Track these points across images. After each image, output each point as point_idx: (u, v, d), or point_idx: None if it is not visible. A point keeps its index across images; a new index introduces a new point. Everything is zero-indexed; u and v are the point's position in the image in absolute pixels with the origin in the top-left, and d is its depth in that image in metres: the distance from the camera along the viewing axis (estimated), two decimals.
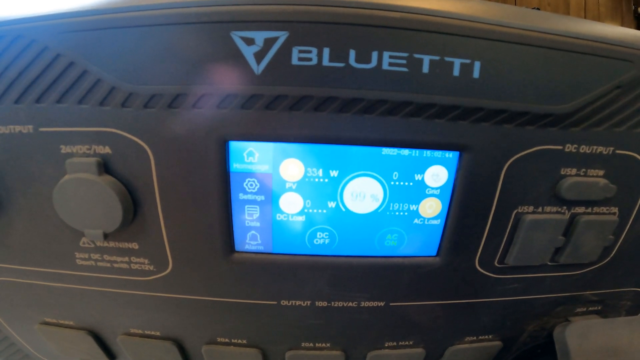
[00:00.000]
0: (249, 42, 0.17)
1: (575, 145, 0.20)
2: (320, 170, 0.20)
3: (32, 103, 0.18)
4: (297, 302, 0.23)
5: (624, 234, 0.23)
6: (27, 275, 0.23)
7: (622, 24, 1.84)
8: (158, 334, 0.25)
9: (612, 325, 0.26)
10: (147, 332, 0.25)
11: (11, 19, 0.17)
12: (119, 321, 0.25)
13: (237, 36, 0.17)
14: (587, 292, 0.26)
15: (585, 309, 0.27)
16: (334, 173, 0.20)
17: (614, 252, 0.24)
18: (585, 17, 1.59)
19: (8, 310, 0.26)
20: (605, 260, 0.24)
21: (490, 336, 0.27)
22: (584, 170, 0.20)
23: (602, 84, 0.19)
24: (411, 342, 0.26)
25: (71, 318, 0.25)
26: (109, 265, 0.22)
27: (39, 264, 0.23)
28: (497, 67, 0.17)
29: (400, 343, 0.26)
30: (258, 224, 0.21)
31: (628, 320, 0.27)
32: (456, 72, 0.17)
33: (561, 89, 0.18)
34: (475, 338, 0.27)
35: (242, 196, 0.20)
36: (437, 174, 0.20)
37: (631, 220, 0.23)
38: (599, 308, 0.27)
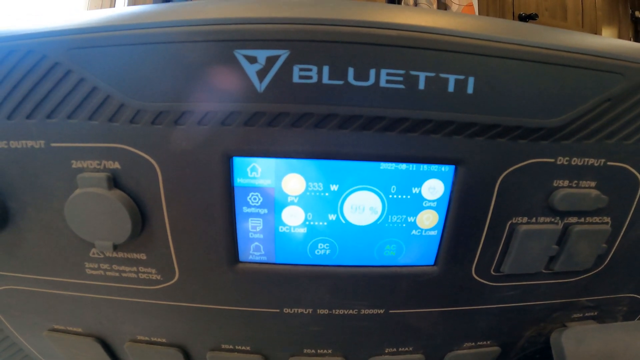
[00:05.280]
0: (252, 60, 0.17)
1: (567, 158, 0.20)
2: (321, 185, 0.20)
3: (43, 118, 0.19)
4: (299, 310, 0.24)
5: (617, 242, 0.24)
6: (37, 284, 0.24)
7: (620, 28, 1.83)
8: (164, 340, 0.26)
9: (608, 330, 0.26)
10: (153, 339, 0.26)
11: (23, 34, 0.18)
12: (126, 328, 0.26)
13: (240, 54, 0.17)
14: (583, 299, 0.26)
15: (581, 315, 0.27)
16: (334, 187, 0.20)
17: (607, 260, 0.24)
18: (582, 21, 1.59)
19: (17, 317, 0.26)
20: (600, 268, 0.24)
21: (488, 342, 0.27)
22: (576, 181, 0.21)
23: (592, 97, 0.19)
24: (411, 348, 0.26)
25: (79, 325, 0.26)
26: (117, 274, 0.23)
27: (49, 274, 0.23)
28: (490, 83, 0.18)
29: (400, 349, 0.26)
30: (261, 236, 0.22)
31: (624, 325, 0.27)
32: (451, 88, 0.18)
33: (552, 102, 0.19)
34: (473, 344, 0.27)
35: (245, 209, 0.21)
36: (434, 187, 0.21)
37: (624, 229, 0.23)
38: (595, 314, 0.28)
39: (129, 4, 1.04)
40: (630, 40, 1.91)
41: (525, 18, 1.43)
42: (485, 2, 1.39)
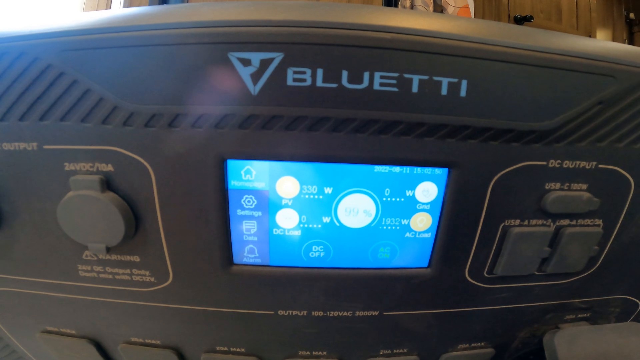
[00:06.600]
0: (246, 63, 0.17)
1: (559, 161, 0.21)
2: (315, 187, 0.20)
3: (36, 120, 0.19)
4: (294, 312, 0.24)
5: (609, 244, 0.24)
6: (30, 286, 0.24)
7: (614, 29, 1.85)
8: (158, 342, 0.26)
9: (601, 332, 0.27)
10: (147, 341, 0.26)
11: (16, 35, 0.18)
12: (120, 330, 0.26)
13: (234, 57, 0.17)
14: (575, 300, 0.26)
15: (574, 316, 0.28)
16: (328, 190, 0.21)
17: (599, 262, 0.24)
18: (577, 23, 1.60)
19: (10, 318, 0.26)
20: (592, 270, 0.25)
21: (482, 343, 0.27)
22: (567, 184, 0.21)
23: (584, 100, 0.19)
24: (405, 350, 0.27)
25: (73, 327, 0.26)
26: (110, 276, 0.23)
27: (42, 275, 0.23)
28: (483, 86, 0.18)
29: (394, 351, 0.27)
30: (255, 238, 0.22)
31: (616, 326, 0.27)
32: (444, 91, 0.18)
33: (544, 105, 0.19)
34: (468, 345, 0.27)
35: (240, 212, 0.21)
36: (427, 190, 0.21)
37: (616, 231, 0.23)
38: (588, 315, 0.28)
39: (124, 6, 1.04)
40: (625, 41, 1.92)
41: (521, 20, 1.44)
42: (481, 4, 1.39)
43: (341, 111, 0.18)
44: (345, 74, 0.17)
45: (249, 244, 0.22)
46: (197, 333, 0.25)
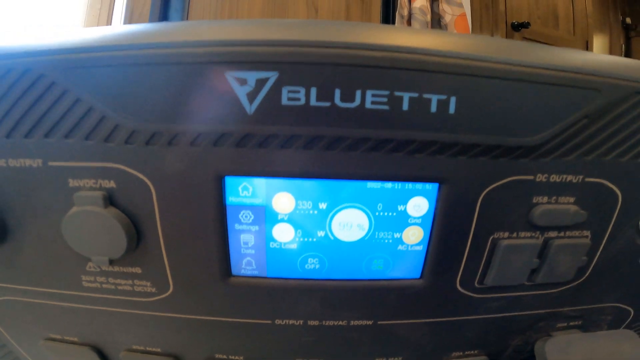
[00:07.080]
0: (242, 82, 0.17)
1: (546, 175, 0.21)
2: (310, 203, 0.21)
3: (41, 137, 0.19)
4: (291, 321, 0.24)
5: (598, 254, 0.24)
6: (34, 295, 0.24)
7: (611, 35, 1.85)
8: (159, 350, 0.26)
9: (592, 339, 0.27)
10: (148, 349, 0.26)
11: (20, 51, 0.18)
12: (121, 338, 0.26)
13: (231, 77, 0.17)
14: (566, 309, 0.27)
15: (566, 324, 0.28)
16: (322, 205, 0.21)
17: (589, 272, 0.25)
18: (574, 29, 1.60)
19: (14, 326, 0.27)
20: (581, 279, 0.25)
21: (475, 351, 0.28)
22: (555, 198, 0.22)
23: (570, 114, 0.19)
24: (400, 358, 0.27)
25: (75, 334, 0.26)
26: (113, 287, 0.23)
27: (47, 285, 0.24)
28: (471, 102, 0.18)
29: (389, 359, 0.27)
30: (253, 251, 0.22)
31: (608, 334, 0.28)
32: (434, 108, 0.18)
33: (531, 121, 0.19)
34: (461, 353, 0.28)
35: (237, 226, 0.21)
36: (419, 205, 0.21)
37: (604, 242, 0.24)
38: (580, 323, 0.28)
39: (125, 22, 1.04)
40: (622, 46, 1.92)
41: (518, 26, 1.44)
42: (479, 11, 1.40)
43: (334, 130, 0.18)
44: (337, 92, 0.18)
45: (246, 257, 0.22)
46: (196, 341, 0.26)
